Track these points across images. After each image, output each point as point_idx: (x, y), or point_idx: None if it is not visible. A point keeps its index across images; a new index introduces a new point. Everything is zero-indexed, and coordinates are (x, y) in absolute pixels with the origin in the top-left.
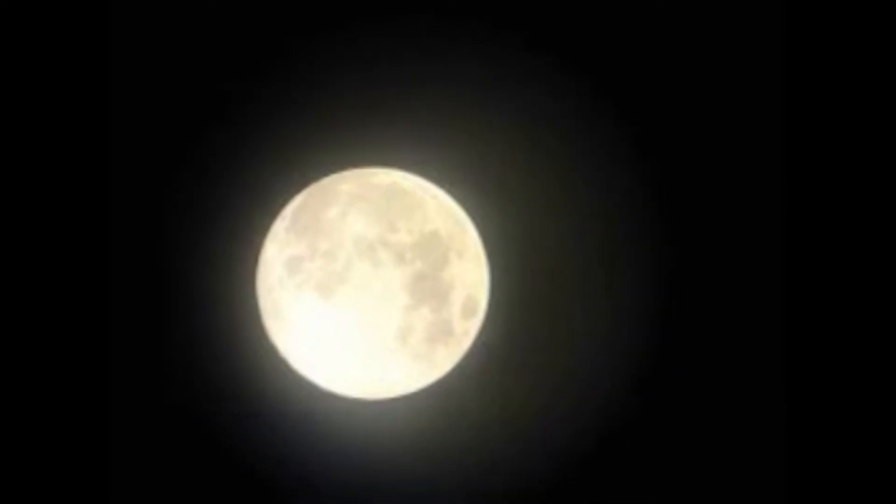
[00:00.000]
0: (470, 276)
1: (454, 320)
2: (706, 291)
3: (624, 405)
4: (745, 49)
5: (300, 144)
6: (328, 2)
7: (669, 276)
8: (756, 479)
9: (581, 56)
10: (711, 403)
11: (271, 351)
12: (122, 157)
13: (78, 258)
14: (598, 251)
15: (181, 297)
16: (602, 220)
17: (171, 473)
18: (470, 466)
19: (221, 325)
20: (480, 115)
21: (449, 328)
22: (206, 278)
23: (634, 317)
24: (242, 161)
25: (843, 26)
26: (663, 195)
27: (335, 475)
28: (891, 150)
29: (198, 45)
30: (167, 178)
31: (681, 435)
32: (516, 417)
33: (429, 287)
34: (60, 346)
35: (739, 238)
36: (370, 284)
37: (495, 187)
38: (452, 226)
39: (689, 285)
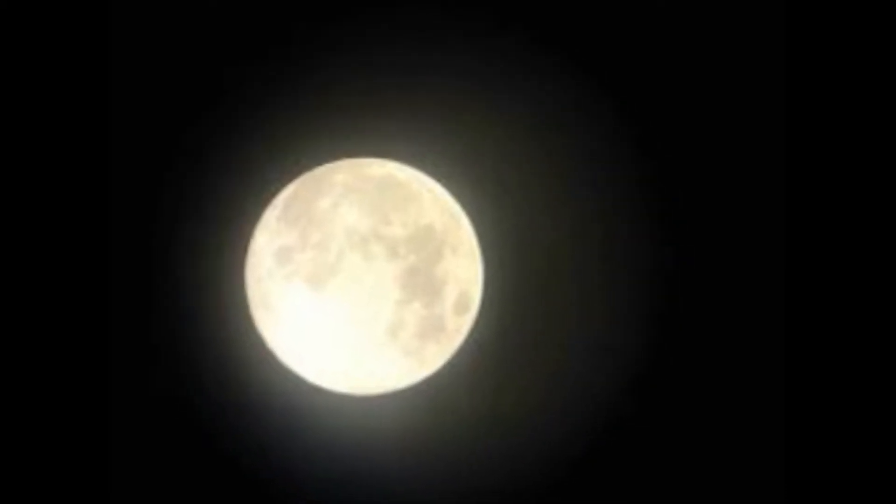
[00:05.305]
0: (464, 271)
1: (447, 316)
2: (704, 291)
3: (618, 404)
4: (748, 49)
5: (294, 132)
6: None
7: (667, 275)
8: (754, 480)
9: (582, 51)
10: (708, 404)
11: (258, 342)
12: (115, 143)
13: (66, 245)
14: (595, 248)
15: (168, 284)
16: (599, 217)
17: (153, 460)
18: (460, 465)
19: (208, 315)
20: (479, 109)
21: (441, 324)
22: (193, 266)
23: (631, 315)
24: (234, 147)
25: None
26: (663, 193)
27: (319, 470)
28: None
29: (191, 28)
30: (156, 162)
31: (676, 435)
32: (508, 416)
33: (421, 282)
34: (44, 330)
35: (740, 239)
36: (362, 278)
37: (492, 182)
38: (447, 220)
39: (687, 285)
